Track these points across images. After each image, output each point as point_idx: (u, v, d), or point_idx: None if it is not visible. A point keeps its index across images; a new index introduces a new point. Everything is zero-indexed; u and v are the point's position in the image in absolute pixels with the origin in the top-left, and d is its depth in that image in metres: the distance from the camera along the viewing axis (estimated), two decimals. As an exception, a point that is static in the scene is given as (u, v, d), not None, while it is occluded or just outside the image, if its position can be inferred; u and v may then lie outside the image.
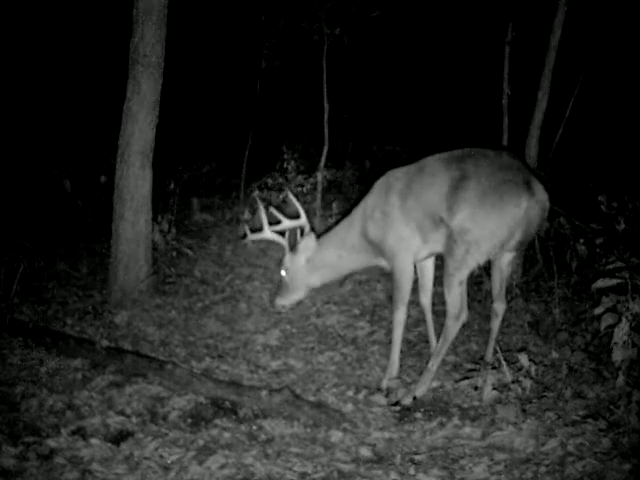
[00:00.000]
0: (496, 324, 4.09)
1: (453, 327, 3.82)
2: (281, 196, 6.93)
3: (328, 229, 4.66)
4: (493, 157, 3.80)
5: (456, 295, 3.78)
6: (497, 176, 3.67)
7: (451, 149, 4.05)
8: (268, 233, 4.45)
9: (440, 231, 3.87)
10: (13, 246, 5.24)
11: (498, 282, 4.02)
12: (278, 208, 6.90)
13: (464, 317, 3.84)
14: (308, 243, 4.34)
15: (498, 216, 3.62)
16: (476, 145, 4.00)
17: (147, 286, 5.22)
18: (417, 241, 4.02)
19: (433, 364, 3.85)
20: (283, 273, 4.41)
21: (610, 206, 4.29)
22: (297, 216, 4.44)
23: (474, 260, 3.72)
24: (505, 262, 3.96)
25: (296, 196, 4.63)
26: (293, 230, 4.49)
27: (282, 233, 4.50)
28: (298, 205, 4.46)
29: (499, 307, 4.06)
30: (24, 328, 4.50)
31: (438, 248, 4.05)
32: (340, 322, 5.12)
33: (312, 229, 4.44)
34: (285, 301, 4.47)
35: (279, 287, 4.49)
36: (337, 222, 4.58)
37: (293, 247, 4.40)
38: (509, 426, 3.35)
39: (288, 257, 4.39)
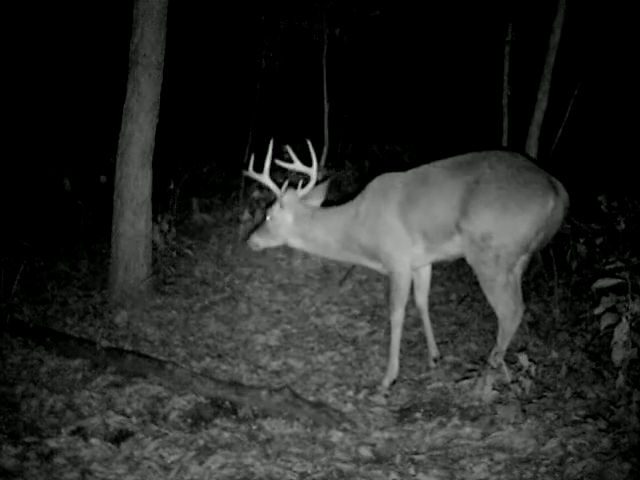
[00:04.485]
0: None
1: (510, 326, 3.75)
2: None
3: (336, 202, 4.53)
4: (508, 159, 3.74)
5: (505, 298, 3.70)
6: (518, 177, 3.62)
7: (451, 149, 4.03)
8: (266, 177, 4.35)
9: (452, 241, 3.83)
10: (13, 246, 5.24)
11: (513, 285, 3.91)
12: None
13: (520, 314, 3.78)
14: (291, 199, 4.29)
15: (526, 216, 3.57)
16: (476, 145, 3.99)
17: (147, 286, 5.22)
18: (419, 249, 3.98)
19: (494, 362, 3.74)
20: (268, 218, 4.37)
21: (610, 206, 4.29)
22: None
23: (507, 262, 3.65)
24: (518, 264, 3.84)
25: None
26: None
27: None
28: (312, 153, 4.33)
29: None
30: (24, 328, 4.50)
31: (442, 257, 4.02)
32: (340, 322, 5.12)
33: (318, 182, 4.39)
34: (260, 241, 4.43)
35: (260, 226, 4.46)
36: (341, 201, 4.46)
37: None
38: (509, 426, 3.35)
39: (277, 208, 4.33)
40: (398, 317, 4.08)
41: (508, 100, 6.41)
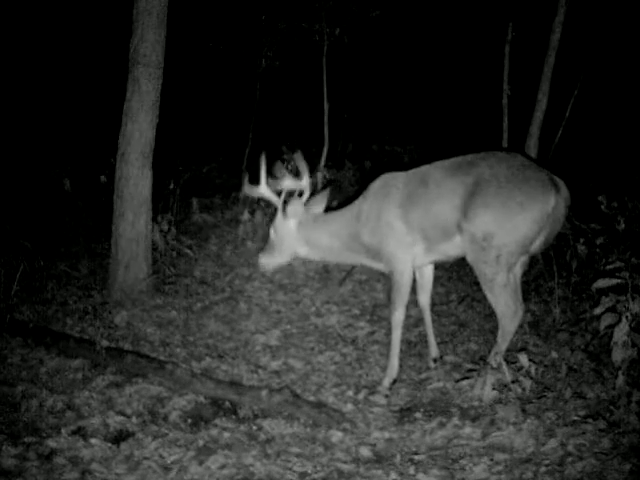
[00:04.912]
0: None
1: (509, 326, 3.74)
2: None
3: (337, 206, 4.50)
4: (507, 158, 3.74)
5: (505, 297, 3.69)
6: (518, 176, 3.61)
7: (451, 149, 4.03)
8: (264, 189, 4.28)
9: (451, 241, 3.83)
10: (13, 246, 5.24)
11: (513, 284, 3.88)
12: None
13: (520, 313, 3.76)
14: (296, 208, 4.24)
15: (527, 215, 3.56)
16: (476, 145, 3.99)
17: (147, 286, 5.21)
18: (419, 249, 3.98)
19: (494, 362, 3.72)
20: (272, 233, 4.33)
21: (610, 206, 4.29)
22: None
23: (508, 262, 3.65)
24: (518, 264, 3.84)
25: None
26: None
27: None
28: (303, 165, 4.27)
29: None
30: (24, 328, 4.50)
31: (441, 257, 4.03)
32: (340, 322, 5.12)
33: (313, 193, 4.35)
34: (269, 260, 4.37)
35: (266, 245, 4.40)
36: (343, 204, 4.44)
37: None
38: (509, 426, 3.34)
39: (279, 218, 4.29)
40: (399, 317, 4.08)
41: (508, 100, 6.41)
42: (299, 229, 4.29)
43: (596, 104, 8.52)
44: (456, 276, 5.93)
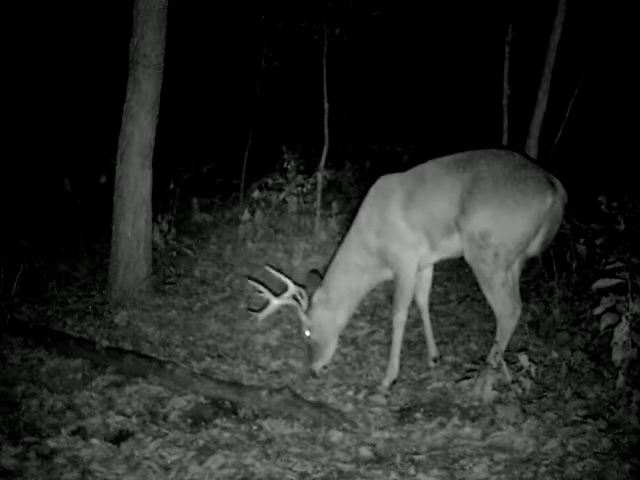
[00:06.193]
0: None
1: (508, 325, 3.75)
2: (281, 196, 6.94)
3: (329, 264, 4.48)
4: (505, 156, 3.75)
5: (503, 296, 3.70)
6: (515, 174, 3.62)
7: (451, 150, 4.03)
8: (279, 301, 4.26)
9: (453, 238, 3.84)
10: (13, 246, 5.24)
11: (512, 283, 3.91)
12: (277, 209, 6.94)
13: (518, 312, 3.76)
14: (320, 296, 4.23)
15: (523, 213, 3.57)
16: (476, 145, 3.99)
17: (147, 286, 5.22)
18: (424, 249, 3.98)
19: (494, 362, 3.70)
20: (308, 333, 4.23)
21: (610, 206, 4.29)
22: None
23: (506, 261, 3.65)
24: (516, 263, 3.85)
25: (277, 270, 4.46)
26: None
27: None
28: (282, 276, 4.30)
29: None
30: (24, 328, 4.51)
31: (446, 255, 4.03)
32: (340, 322, 5.11)
33: (304, 286, 4.31)
34: (322, 361, 4.24)
35: (309, 352, 4.26)
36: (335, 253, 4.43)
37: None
38: (509, 426, 3.35)
39: (306, 317, 4.23)
40: (401, 318, 4.08)
41: (508, 100, 6.41)
42: (321, 304, 4.23)
43: (596, 104, 8.52)
44: (455, 276, 5.93)
